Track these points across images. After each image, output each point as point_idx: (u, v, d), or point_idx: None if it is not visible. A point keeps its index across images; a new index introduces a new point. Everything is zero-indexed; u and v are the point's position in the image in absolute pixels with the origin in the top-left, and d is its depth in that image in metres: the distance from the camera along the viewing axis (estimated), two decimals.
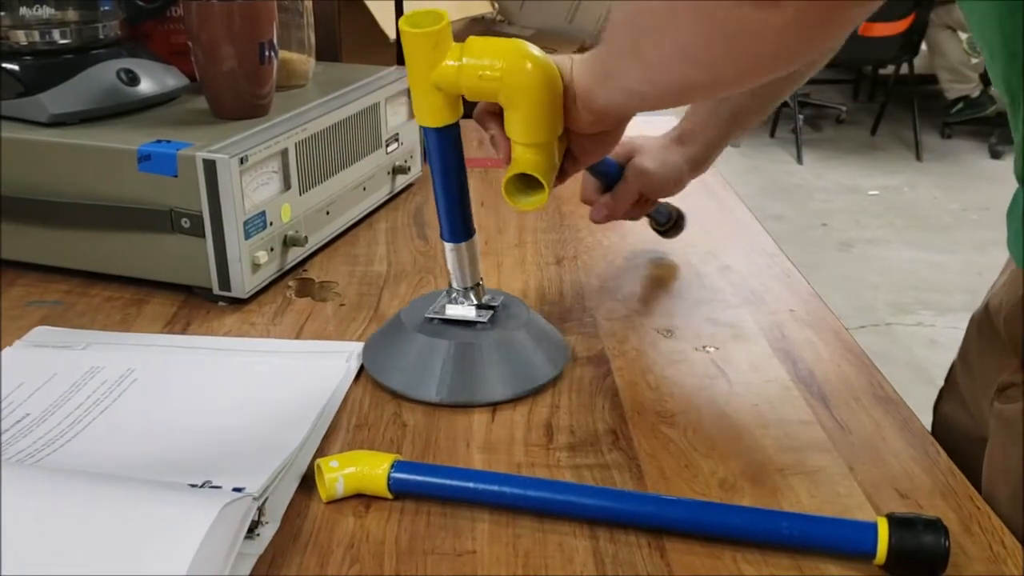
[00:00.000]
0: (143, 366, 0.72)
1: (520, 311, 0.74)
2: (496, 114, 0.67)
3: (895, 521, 0.52)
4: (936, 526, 0.51)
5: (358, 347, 0.75)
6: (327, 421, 0.66)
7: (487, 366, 0.68)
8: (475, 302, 0.73)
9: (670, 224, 0.95)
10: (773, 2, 0.48)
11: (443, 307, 0.73)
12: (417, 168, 1.12)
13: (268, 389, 0.70)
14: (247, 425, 0.65)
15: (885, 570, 0.52)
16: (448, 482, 0.57)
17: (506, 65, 0.62)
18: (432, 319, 0.72)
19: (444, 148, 0.68)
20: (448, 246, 0.71)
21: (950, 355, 0.81)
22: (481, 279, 0.73)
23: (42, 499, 0.52)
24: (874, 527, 0.52)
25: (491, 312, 0.73)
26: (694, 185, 0.87)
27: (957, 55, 4.70)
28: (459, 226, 0.70)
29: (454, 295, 0.73)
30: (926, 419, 0.68)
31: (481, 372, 0.68)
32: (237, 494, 0.52)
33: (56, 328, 0.78)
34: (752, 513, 0.55)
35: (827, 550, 0.53)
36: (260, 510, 0.55)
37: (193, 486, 0.56)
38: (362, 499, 0.58)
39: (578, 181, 1.15)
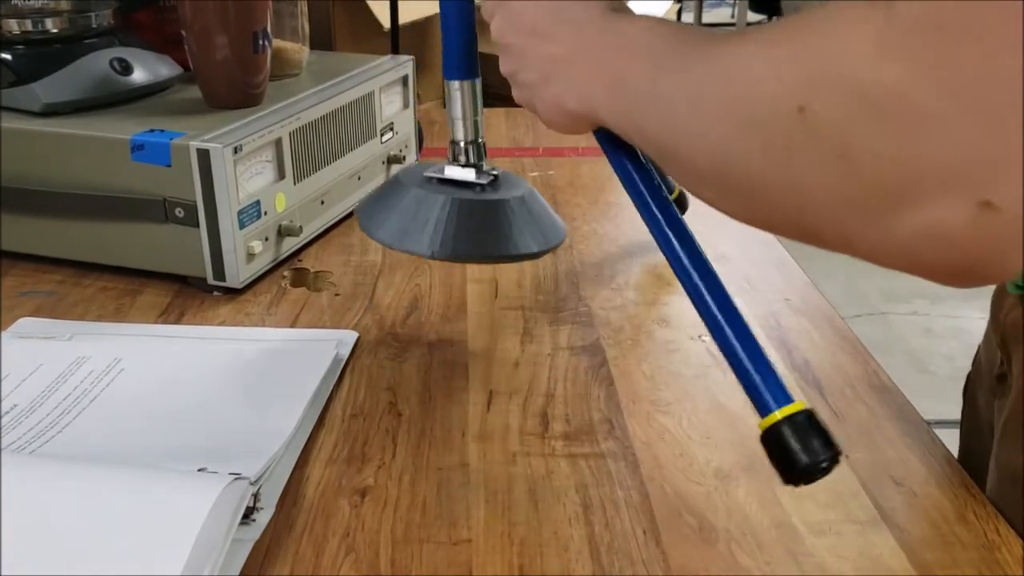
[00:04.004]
0: (130, 356, 0.72)
1: (521, 184, 0.70)
2: None
3: (806, 415, 0.46)
4: (828, 447, 0.46)
5: (348, 335, 0.75)
6: (319, 408, 0.66)
7: (482, 225, 0.65)
8: (476, 161, 0.68)
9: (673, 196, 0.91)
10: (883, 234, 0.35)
11: (442, 168, 0.69)
12: (412, 157, 1.11)
13: (257, 376, 0.70)
14: (238, 412, 0.65)
15: (761, 443, 0.48)
16: None
17: None
18: (431, 178, 0.69)
19: None
20: (453, 86, 0.67)
21: (945, 343, 0.81)
22: (483, 138, 0.69)
23: (39, 485, 0.52)
24: (788, 402, 0.47)
25: (492, 178, 0.69)
26: None
27: None
28: (466, 57, 0.66)
29: (456, 153, 0.68)
30: (920, 407, 0.68)
31: (475, 229, 0.65)
32: (234, 478, 0.52)
33: (40, 319, 0.78)
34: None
35: (744, 382, 0.49)
36: (255, 496, 0.55)
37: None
38: (357, 488, 0.58)
39: (573, 170, 1.15)
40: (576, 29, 0.50)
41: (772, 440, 0.46)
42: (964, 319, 2.80)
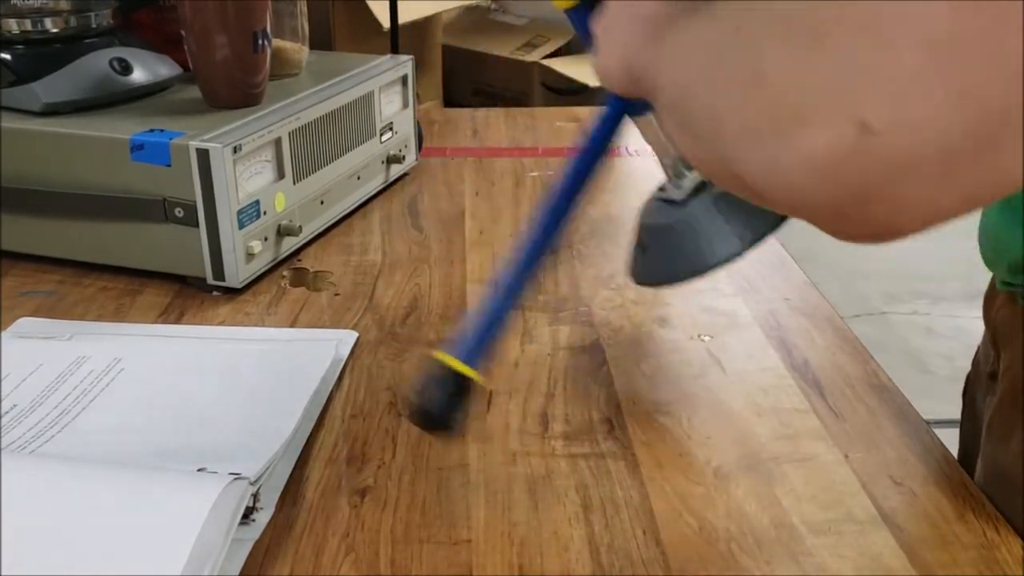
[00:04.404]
0: (130, 355, 0.72)
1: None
2: None
3: (459, 377, 0.49)
4: (453, 396, 0.49)
5: (348, 334, 0.75)
6: (318, 407, 0.66)
7: (745, 207, 0.60)
8: (686, 172, 0.64)
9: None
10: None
11: (674, 188, 0.64)
12: (412, 157, 1.11)
13: (256, 376, 0.70)
14: (238, 412, 0.65)
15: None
16: None
17: None
18: (670, 201, 0.65)
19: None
20: (640, 120, 0.62)
21: (944, 343, 0.82)
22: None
23: (39, 486, 0.52)
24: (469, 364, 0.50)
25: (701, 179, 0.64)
26: None
27: None
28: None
29: (675, 168, 0.64)
30: (920, 407, 0.68)
31: (747, 211, 0.61)
32: (234, 478, 0.52)
33: (40, 319, 0.78)
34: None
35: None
36: (255, 496, 0.55)
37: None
38: (357, 488, 0.58)
39: None
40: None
41: (432, 377, 0.50)
42: (964, 319, 2.80)
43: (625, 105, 0.54)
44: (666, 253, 0.64)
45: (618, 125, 0.54)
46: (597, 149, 0.54)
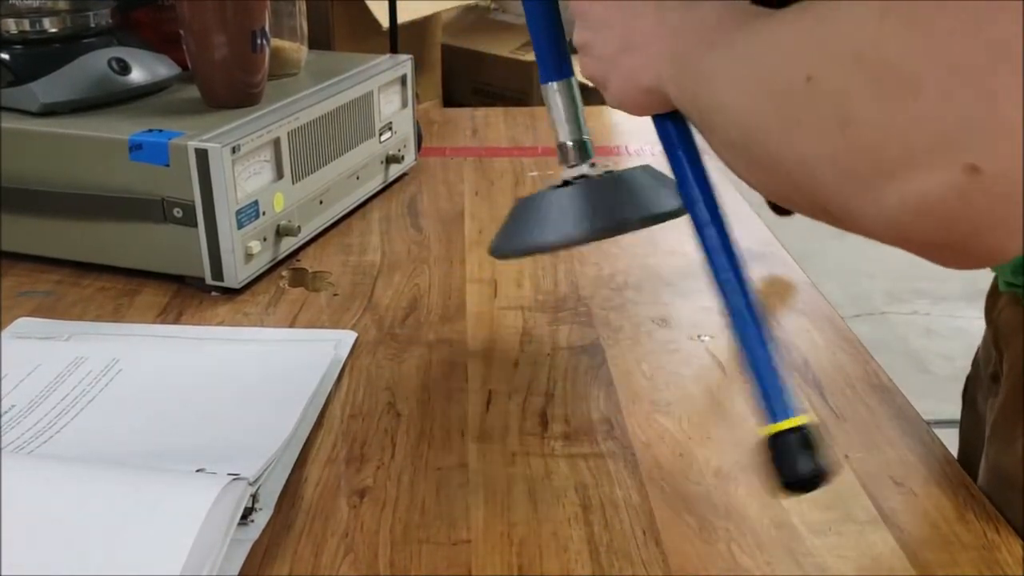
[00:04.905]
0: (128, 356, 0.71)
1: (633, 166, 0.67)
2: None
3: (803, 432, 0.48)
4: (822, 463, 0.47)
5: (347, 335, 0.75)
6: (317, 408, 0.65)
7: (614, 196, 0.62)
8: (587, 158, 0.65)
9: None
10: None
11: (558, 178, 0.66)
12: (411, 157, 1.11)
13: (255, 377, 0.70)
14: (236, 412, 0.65)
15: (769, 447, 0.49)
16: None
17: None
18: (549, 187, 0.65)
19: None
20: (551, 88, 0.64)
21: (945, 343, 0.81)
22: (588, 135, 0.66)
23: (38, 486, 0.52)
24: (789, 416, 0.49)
25: (607, 168, 0.65)
26: None
27: None
28: (557, 56, 0.64)
29: (566, 155, 0.65)
30: (920, 407, 0.68)
31: (608, 202, 0.62)
32: (232, 478, 0.52)
33: (38, 319, 0.78)
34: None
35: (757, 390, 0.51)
36: (254, 496, 0.55)
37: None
38: (356, 489, 0.58)
39: None
40: (660, 7, 0.52)
41: (778, 446, 0.48)
42: (964, 319, 2.79)
43: (669, 118, 0.55)
44: (515, 225, 0.65)
45: (683, 131, 0.55)
46: (696, 171, 0.55)
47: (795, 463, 0.48)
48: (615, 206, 0.62)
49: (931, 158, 0.32)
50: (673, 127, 0.56)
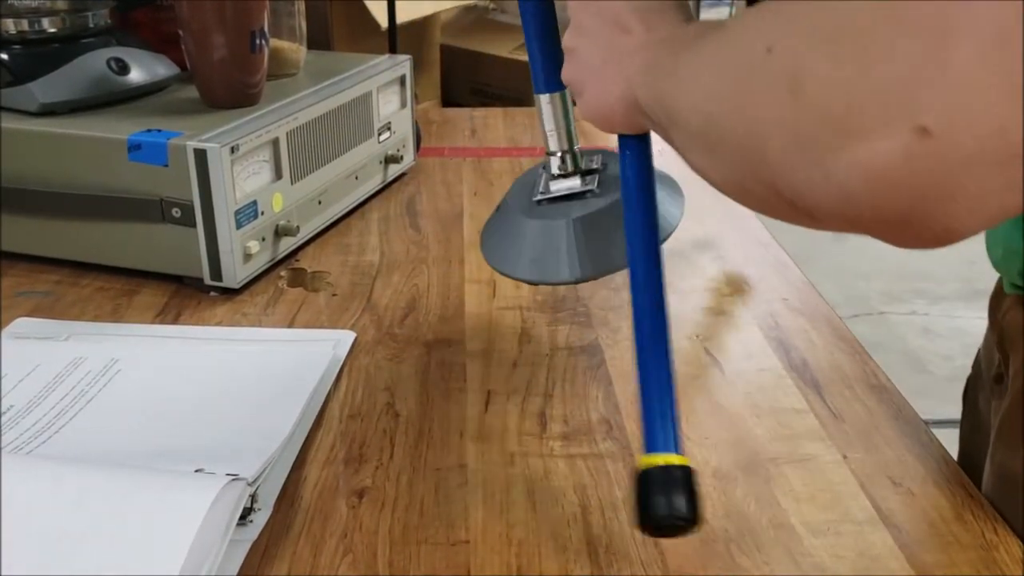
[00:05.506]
0: (127, 356, 0.71)
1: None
2: None
3: (674, 472, 0.47)
4: (690, 509, 0.46)
5: (346, 335, 0.75)
6: (316, 408, 0.66)
7: (608, 235, 0.64)
8: (577, 168, 0.68)
9: None
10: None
11: (547, 186, 0.68)
12: (410, 157, 1.11)
13: (254, 377, 0.70)
14: (235, 413, 0.65)
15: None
16: None
17: None
18: (541, 201, 0.68)
19: None
20: (543, 99, 0.66)
21: (943, 343, 0.82)
22: (578, 144, 0.68)
23: (37, 486, 0.52)
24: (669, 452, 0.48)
25: (595, 176, 0.68)
26: (689, 174, 0.87)
27: None
28: (552, 69, 0.65)
29: (555, 165, 0.68)
30: (919, 407, 0.68)
31: (605, 241, 0.64)
32: (231, 478, 0.52)
33: (37, 319, 0.78)
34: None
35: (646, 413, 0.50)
36: (253, 497, 0.55)
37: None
38: (355, 489, 0.58)
39: None
40: (648, 28, 0.53)
41: (643, 481, 0.47)
42: (963, 319, 2.80)
43: (634, 139, 0.56)
44: (601, 241, 0.66)
45: (647, 155, 0.56)
46: (644, 187, 0.56)
47: (653, 502, 0.46)
48: (613, 246, 0.63)
49: (880, 121, 0.31)
50: (633, 158, 0.57)
